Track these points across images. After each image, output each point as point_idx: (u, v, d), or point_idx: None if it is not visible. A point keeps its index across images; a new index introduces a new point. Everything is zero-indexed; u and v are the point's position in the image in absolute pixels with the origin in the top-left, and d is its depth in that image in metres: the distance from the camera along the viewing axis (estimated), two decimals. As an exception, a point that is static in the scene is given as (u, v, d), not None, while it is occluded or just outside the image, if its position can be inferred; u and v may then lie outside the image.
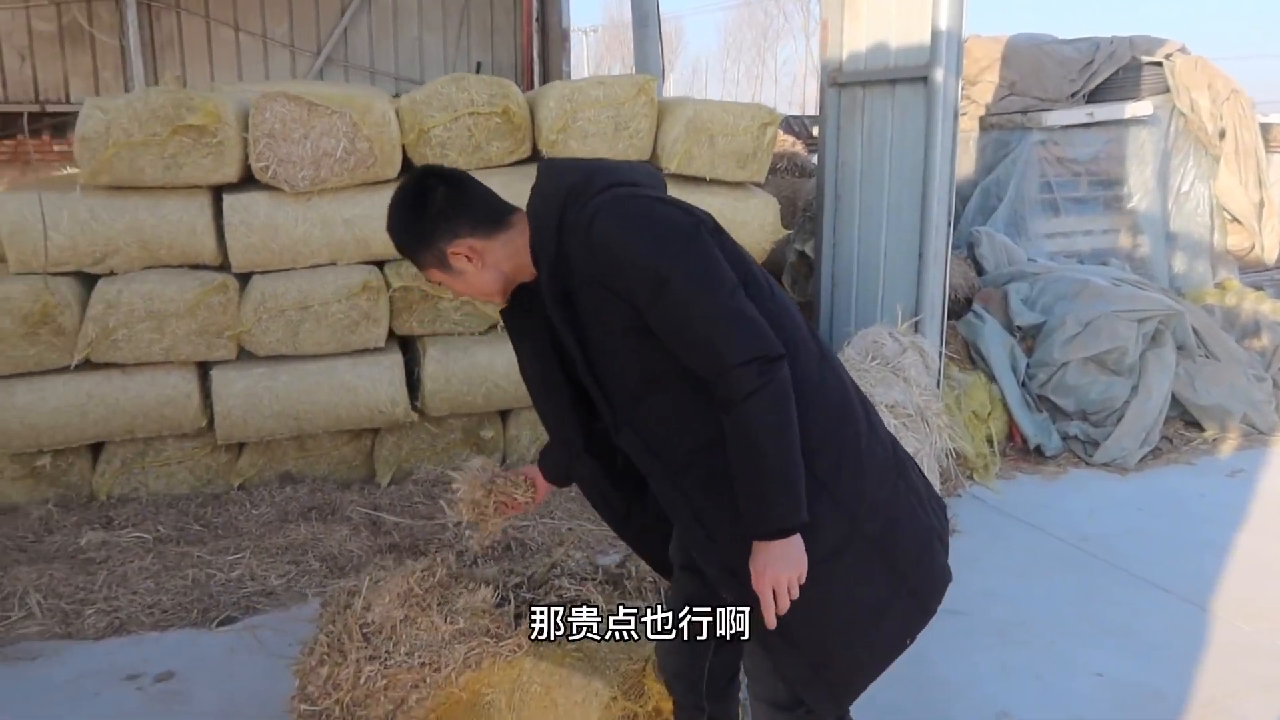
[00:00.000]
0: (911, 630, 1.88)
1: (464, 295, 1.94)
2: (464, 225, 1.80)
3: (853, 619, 1.81)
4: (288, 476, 4.46)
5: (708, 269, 1.67)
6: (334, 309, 4.29)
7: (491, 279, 1.84)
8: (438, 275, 1.86)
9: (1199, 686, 3.01)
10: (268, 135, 4.13)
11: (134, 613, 3.38)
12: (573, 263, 1.71)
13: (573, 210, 1.71)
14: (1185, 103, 6.96)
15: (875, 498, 1.80)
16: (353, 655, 2.45)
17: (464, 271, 1.83)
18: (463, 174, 1.88)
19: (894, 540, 1.82)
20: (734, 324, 1.65)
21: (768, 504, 1.67)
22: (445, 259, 1.81)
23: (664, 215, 1.71)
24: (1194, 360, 5.36)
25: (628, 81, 4.64)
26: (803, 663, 1.80)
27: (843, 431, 1.79)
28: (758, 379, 1.64)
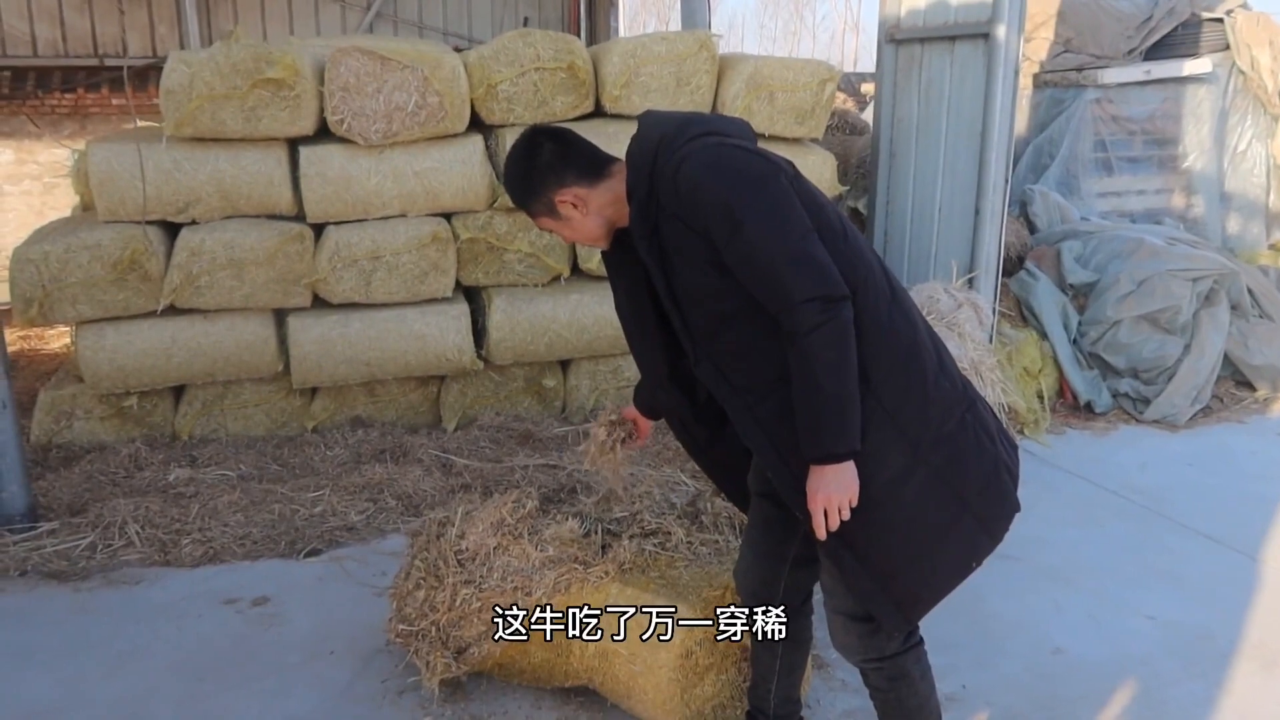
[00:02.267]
0: (977, 554, 1.99)
1: (572, 240, 2.07)
2: (570, 175, 1.96)
3: (917, 538, 1.92)
4: (358, 421, 4.64)
5: (781, 211, 1.80)
6: (404, 259, 4.44)
7: (595, 224, 2.01)
8: (548, 223, 2.03)
9: (1249, 629, 3.11)
10: (342, 89, 4.25)
11: (226, 543, 3.58)
12: (661, 201, 1.86)
13: (664, 155, 1.86)
14: (1245, 60, 6.88)
15: (941, 430, 1.92)
16: (449, 579, 2.61)
17: (571, 218, 1.99)
18: (567, 130, 2.03)
19: (959, 470, 1.93)
20: (801, 264, 1.79)
21: (822, 431, 1.82)
22: (554, 207, 1.98)
23: (745, 160, 1.84)
24: (1247, 320, 5.38)
25: (689, 37, 4.70)
26: (870, 578, 1.92)
27: (910, 367, 1.91)
28: (820, 316, 1.78)
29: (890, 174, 5.33)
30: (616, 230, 2.05)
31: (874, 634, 2.02)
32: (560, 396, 4.83)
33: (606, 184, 1.98)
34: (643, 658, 2.42)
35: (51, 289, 4.15)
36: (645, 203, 1.89)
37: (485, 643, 2.58)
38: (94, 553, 3.50)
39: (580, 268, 4.76)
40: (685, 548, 2.65)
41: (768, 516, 2.20)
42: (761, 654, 2.33)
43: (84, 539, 3.55)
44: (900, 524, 1.91)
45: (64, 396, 4.39)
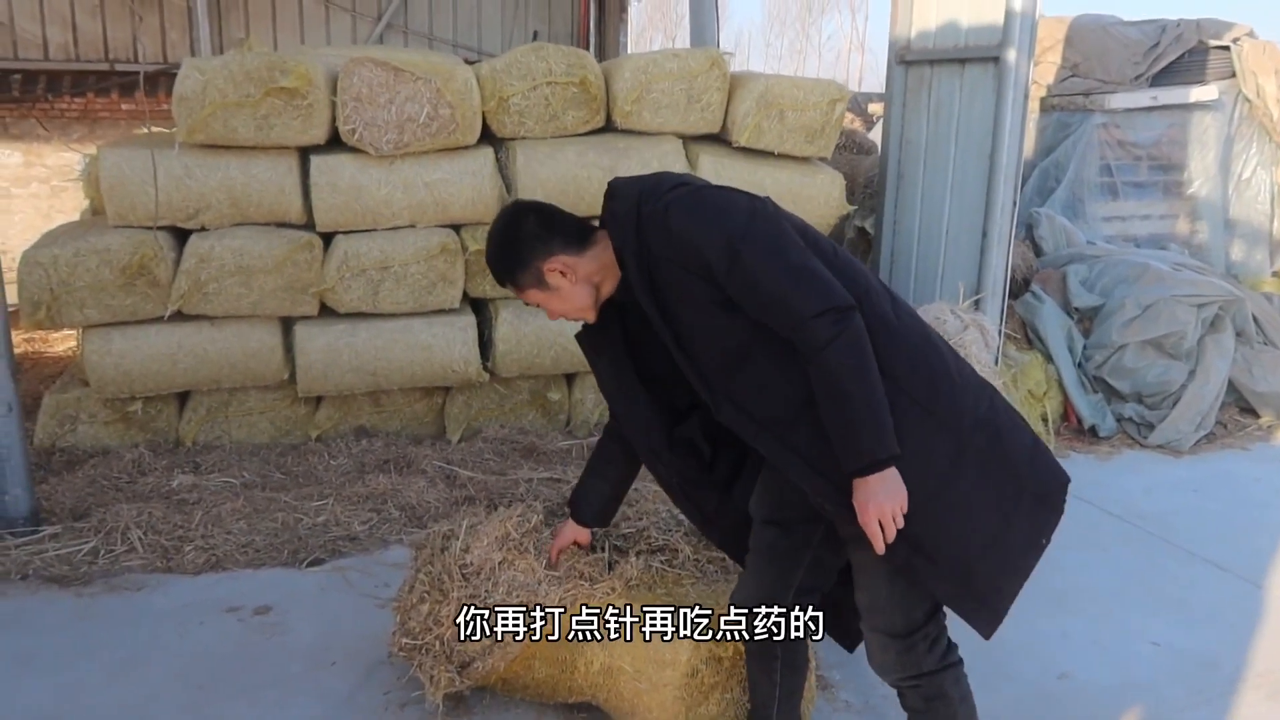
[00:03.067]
0: (1045, 529, 1.98)
1: (560, 314, 2.08)
2: (556, 243, 2.00)
3: (983, 525, 1.90)
4: (362, 430, 4.64)
5: (775, 235, 1.84)
6: (413, 270, 4.44)
7: (584, 293, 2.04)
8: (536, 295, 2.06)
9: (1255, 657, 3.10)
10: (355, 99, 4.27)
11: (229, 551, 3.57)
12: (654, 250, 1.89)
13: (648, 205, 1.90)
14: (1251, 88, 6.91)
15: (976, 414, 1.92)
16: (453, 594, 2.60)
17: (559, 288, 2.02)
18: (549, 204, 2.11)
19: (1003, 449, 1.93)
20: (804, 280, 1.80)
21: (858, 441, 1.81)
22: (542, 276, 2.01)
23: (729, 197, 1.90)
24: (1252, 347, 5.38)
25: (701, 55, 4.72)
26: (949, 578, 1.90)
27: (930, 358, 1.92)
28: (833, 328, 1.78)
29: (898, 194, 5.35)
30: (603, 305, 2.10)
31: (910, 650, 2.00)
32: (565, 410, 4.82)
33: (592, 251, 2.02)
34: (648, 675, 2.41)
35: (60, 292, 4.15)
36: (639, 255, 1.91)
37: (489, 658, 2.57)
38: (96, 558, 3.49)
39: (587, 282, 4.75)
40: (692, 565, 2.64)
41: (773, 544, 2.18)
42: (760, 680, 2.30)
43: (86, 544, 3.54)
44: (964, 512, 1.89)
45: (69, 400, 4.39)
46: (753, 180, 4.67)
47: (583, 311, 2.07)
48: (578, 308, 2.05)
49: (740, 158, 4.72)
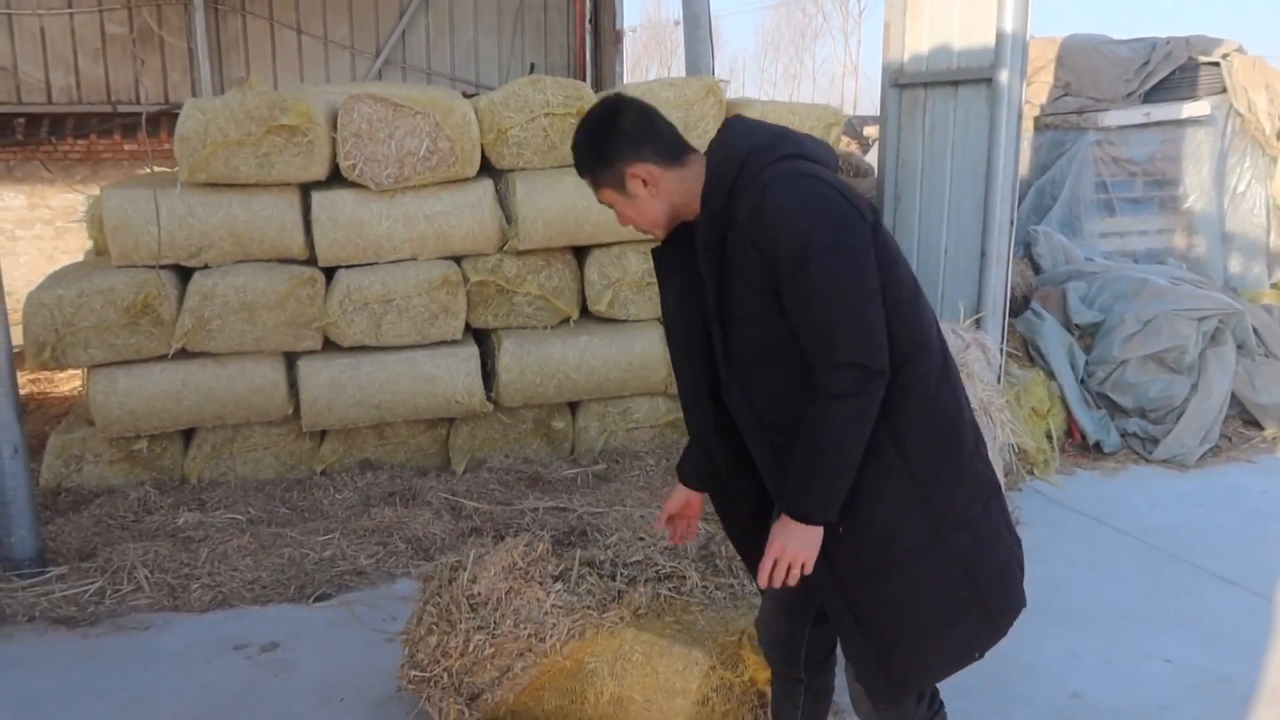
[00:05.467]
0: (981, 645, 1.93)
1: (630, 222, 1.95)
2: (647, 150, 1.86)
3: (922, 619, 1.86)
4: (367, 463, 4.64)
5: (852, 266, 1.75)
6: (415, 302, 4.47)
7: (660, 209, 1.90)
8: (611, 196, 1.92)
9: (1268, 673, 3.08)
10: (355, 135, 4.31)
11: (235, 588, 3.57)
12: (736, 217, 1.79)
13: (751, 169, 1.79)
14: (1243, 103, 6.97)
15: (966, 512, 1.87)
16: (461, 625, 2.60)
17: (637, 196, 1.89)
18: (650, 105, 1.94)
19: (977, 556, 1.88)
20: (852, 324, 1.73)
21: (808, 491, 1.79)
22: (623, 180, 1.87)
23: (829, 201, 1.77)
24: (1253, 359, 5.38)
25: (697, 83, 4.77)
26: (867, 645, 1.87)
27: (948, 443, 1.86)
28: (852, 385, 1.74)
29: (896, 216, 5.38)
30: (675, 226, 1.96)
31: (896, 703, 1.95)
32: (569, 438, 4.83)
33: (682, 172, 1.88)
34: (659, 705, 2.40)
35: (64, 333, 4.18)
36: (718, 213, 1.82)
37: (498, 689, 2.56)
38: (103, 598, 3.49)
39: (589, 310, 4.78)
40: (700, 592, 2.64)
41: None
42: (783, 704, 2.27)
43: (93, 584, 3.54)
44: (909, 599, 1.86)
45: (74, 440, 4.40)
46: (751, 206, 4.70)
47: (653, 226, 1.93)
48: (649, 220, 1.92)
49: (738, 184, 4.75)
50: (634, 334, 4.72)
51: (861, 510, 1.83)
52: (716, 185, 1.82)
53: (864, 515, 1.84)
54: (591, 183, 1.93)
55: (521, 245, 4.54)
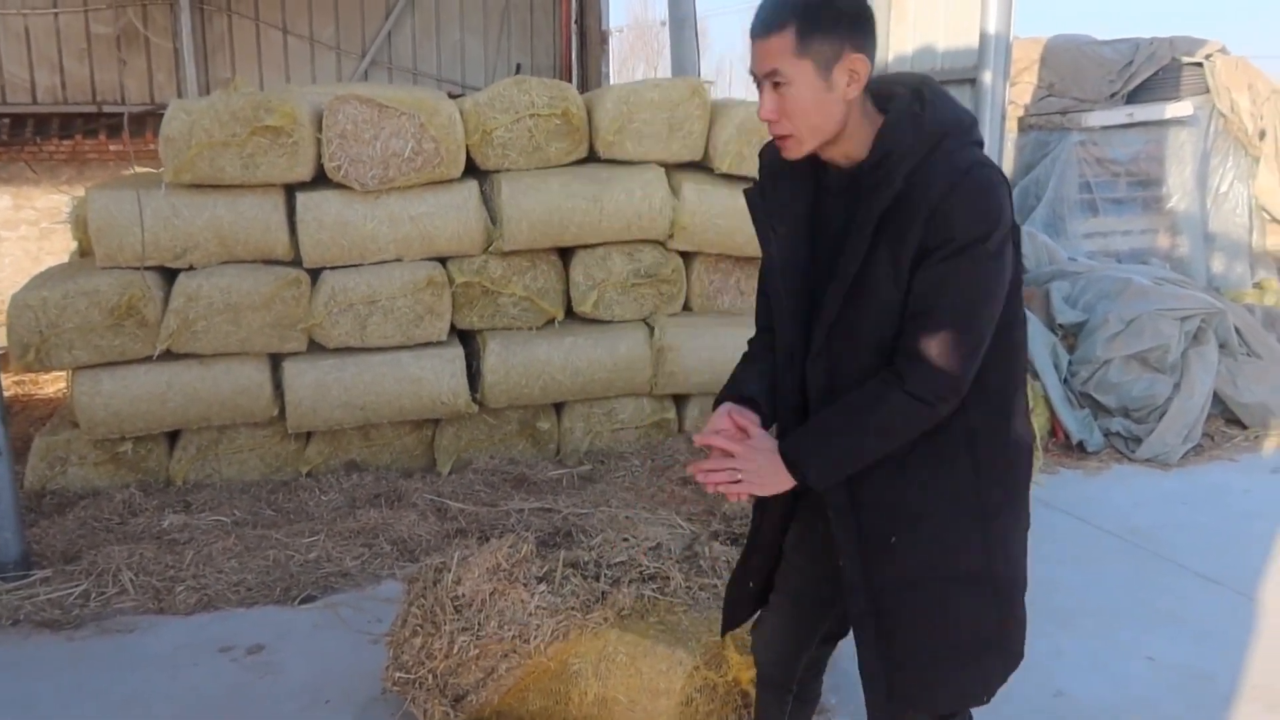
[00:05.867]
0: (990, 690, 1.85)
1: (785, 115, 1.65)
2: (869, 50, 1.64)
3: (946, 649, 1.77)
4: (353, 465, 4.63)
5: (994, 282, 1.65)
6: (400, 303, 4.46)
7: (835, 119, 1.65)
8: (796, 72, 1.62)
9: (1250, 671, 3.11)
10: (340, 136, 4.31)
11: (221, 590, 3.56)
12: (929, 188, 1.60)
13: (954, 142, 1.64)
14: (1225, 103, 7.02)
15: (1013, 550, 1.81)
16: (446, 627, 2.61)
17: (831, 89, 1.62)
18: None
19: (1014, 595, 1.82)
20: (966, 341, 1.63)
21: (823, 449, 1.69)
22: (834, 61, 1.61)
23: (1007, 212, 1.66)
24: (1235, 359, 5.42)
25: (682, 84, 4.78)
26: (880, 662, 1.78)
27: (1019, 476, 1.81)
28: (930, 393, 1.64)
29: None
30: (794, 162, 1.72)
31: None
32: (554, 439, 4.83)
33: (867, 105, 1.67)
34: (643, 705, 2.41)
35: (49, 335, 4.16)
36: (912, 171, 1.61)
37: (483, 690, 2.56)
38: (88, 601, 3.47)
39: (574, 311, 4.78)
40: (684, 592, 2.65)
41: (801, 587, 1.99)
42: (770, 708, 2.19)
43: (77, 587, 3.52)
44: (941, 624, 1.76)
45: (59, 442, 4.38)
46: (735, 207, 4.71)
47: (810, 133, 1.66)
48: (812, 125, 1.64)
49: (723, 185, 4.76)
50: (619, 335, 4.72)
51: (925, 526, 1.73)
52: (910, 144, 1.63)
53: (926, 531, 1.73)
54: (794, 43, 1.60)
55: (506, 246, 4.54)
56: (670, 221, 4.68)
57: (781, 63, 1.61)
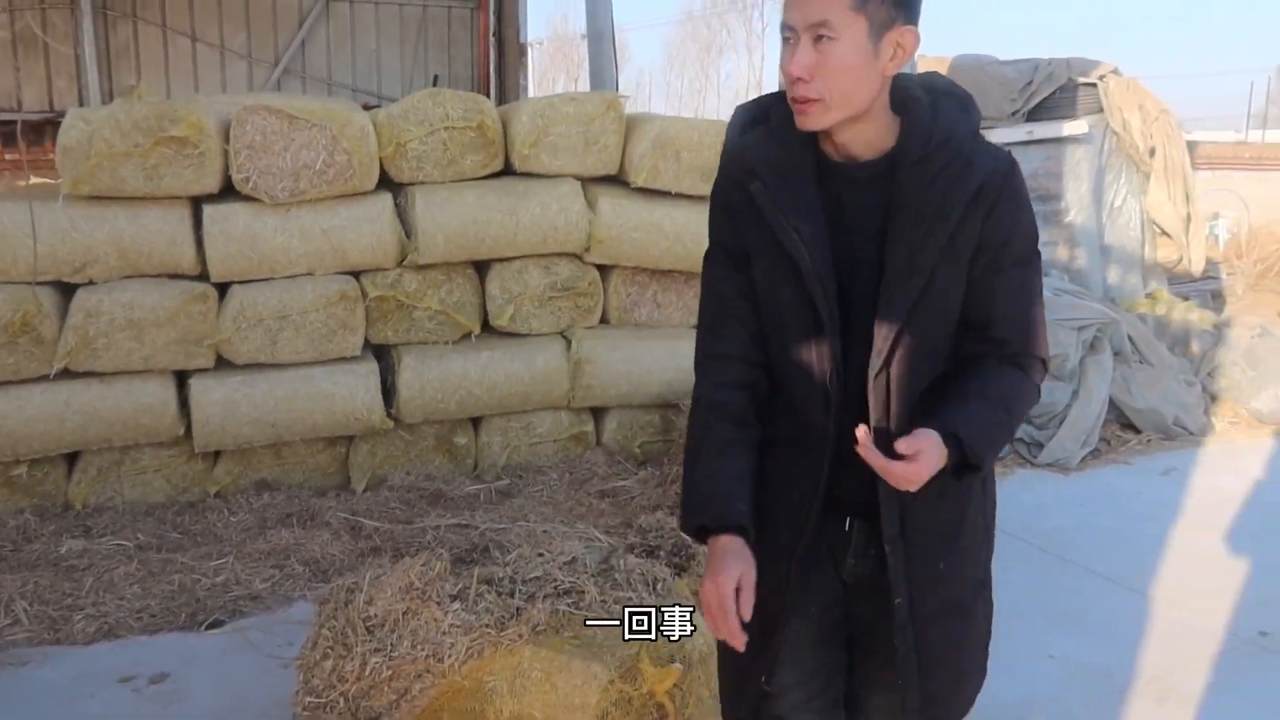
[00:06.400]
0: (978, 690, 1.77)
1: (834, 76, 1.45)
2: (916, 21, 1.50)
3: (969, 665, 1.72)
4: (263, 484, 4.53)
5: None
6: (312, 318, 4.39)
7: (872, 90, 1.48)
8: (850, 24, 1.43)
9: (1143, 665, 3.25)
10: (249, 147, 4.22)
11: (122, 617, 3.44)
12: (984, 189, 1.51)
13: (982, 138, 1.58)
14: (1118, 122, 7.34)
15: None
16: (357, 648, 2.56)
17: (878, 56, 1.46)
18: None
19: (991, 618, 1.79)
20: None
21: (989, 436, 1.53)
22: (885, 28, 1.46)
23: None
24: (1129, 366, 5.67)
25: (597, 98, 4.81)
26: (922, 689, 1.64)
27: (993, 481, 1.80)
28: (1041, 378, 1.64)
29: (794, 230, 5.50)
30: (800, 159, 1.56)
31: None
32: (472, 454, 4.80)
33: (889, 87, 1.53)
34: (558, 720, 2.41)
35: (-66, 354, 3.97)
36: (970, 158, 1.51)
37: (396, 712, 2.53)
38: (-23, 633, 3.32)
39: (491, 325, 4.76)
40: (599, 606, 2.65)
41: (825, 662, 1.72)
42: None
43: (-34, 618, 3.37)
44: (967, 646, 1.71)
45: (-54, 466, 4.18)
46: (651, 219, 4.75)
47: (836, 101, 1.46)
48: (843, 93, 1.45)
49: (638, 198, 4.80)
50: (536, 348, 4.72)
51: (963, 543, 1.65)
52: (967, 130, 1.54)
53: (962, 549, 1.66)
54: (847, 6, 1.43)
55: (421, 260, 4.50)
56: (587, 235, 4.69)
57: (834, 13, 1.42)
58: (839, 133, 1.53)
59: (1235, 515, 4.59)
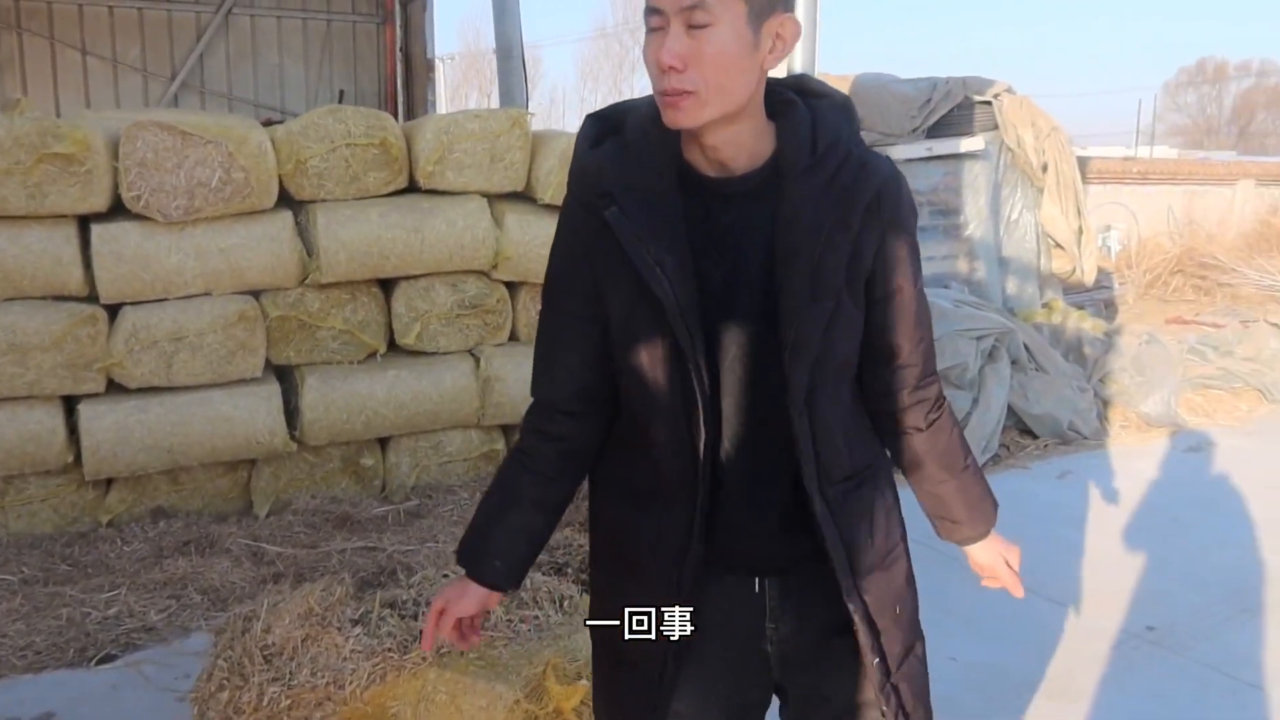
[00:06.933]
0: None
1: (710, 66, 1.28)
2: (795, 17, 1.36)
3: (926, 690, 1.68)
4: (160, 511, 4.37)
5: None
6: (209, 339, 4.26)
7: (750, 85, 1.32)
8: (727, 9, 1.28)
9: (1040, 664, 3.36)
10: (139, 164, 4.09)
11: (3, 655, 3.27)
12: (881, 192, 1.38)
13: (859, 140, 1.43)
14: (1012, 138, 7.63)
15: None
16: (254, 678, 2.49)
17: (757, 46, 1.30)
18: None
19: None
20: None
21: (988, 500, 1.71)
22: (765, 14, 1.31)
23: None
24: (1026, 373, 5.88)
25: (503, 115, 4.79)
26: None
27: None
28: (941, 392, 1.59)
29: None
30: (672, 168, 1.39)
31: None
32: (380, 475, 4.71)
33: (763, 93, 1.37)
34: (462, 744, 2.37)
35: None
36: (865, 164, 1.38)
37: (296, 742, 2.46)
38: None
39: (397, 343, 4.69)
40: (505, 625, 2.63)
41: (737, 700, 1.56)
42: None
43: None
44: (923, 675, 1.73)
45: None
46: (560, 236, 4.75)
47: (711, 95, 1.29)
48: (719, 86, 1.29)
49: (545, 214, 4.80)
50: (445, 366, 4.66)
51: (903, 573, 1.63)
52: (850, 133, 1.40)
53: (905, 579, 1.64)
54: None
55: (324, 278, 4.41)
56: (494, 251, 4.67)
57: (701, 10, 1.27)
58: (710, 135, 1.35)
59: (1127, 516, 4.78)
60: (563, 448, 1.53)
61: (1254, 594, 3.96)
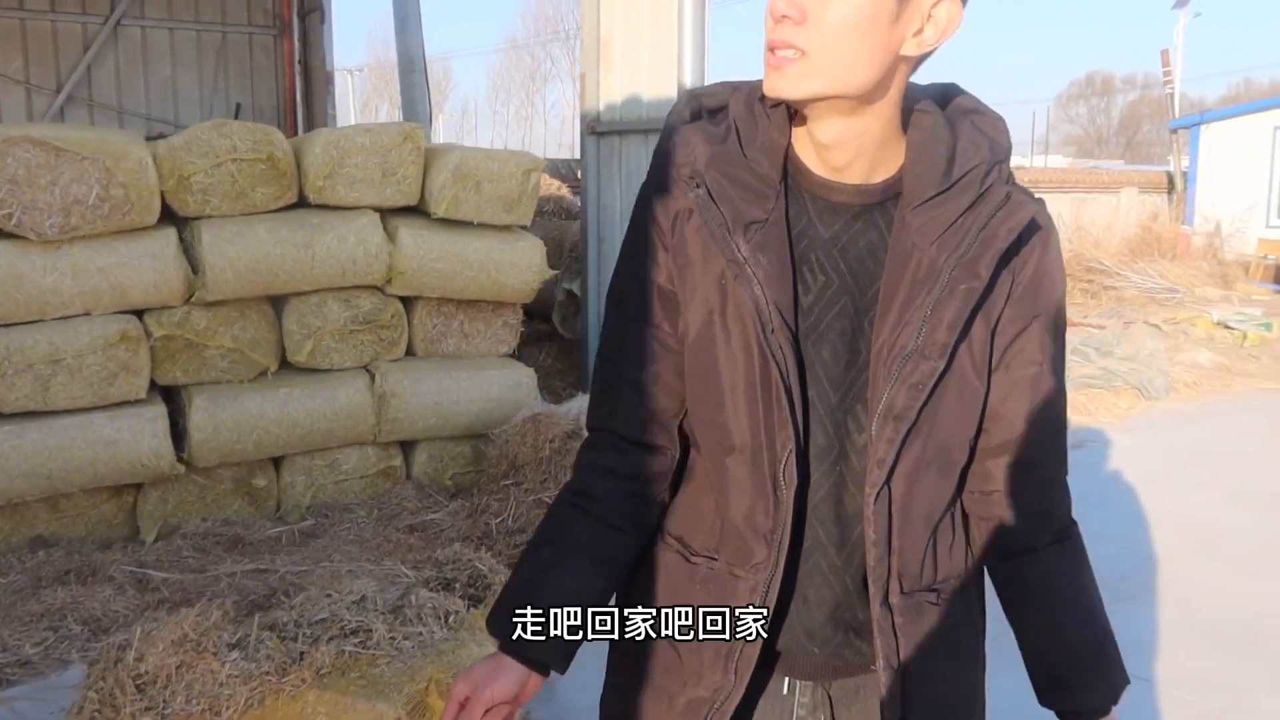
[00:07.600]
0: None
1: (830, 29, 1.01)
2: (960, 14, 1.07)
3: None
4: (39, 540, 4.22)
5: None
6: (89, 361, 4.14)
7: (875, 71, 1.05)
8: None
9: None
10: (10, 182, 3.95)
11: None
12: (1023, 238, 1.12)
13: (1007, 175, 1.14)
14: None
15: None
16: (126, 709, 2.43)
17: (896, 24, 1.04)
18: None
19: None
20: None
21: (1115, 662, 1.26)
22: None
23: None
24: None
25: (394, 129, 4.76)
26: None
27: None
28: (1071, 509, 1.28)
29: (599, 257, 5.62)
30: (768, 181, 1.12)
31: None
32: (273, 496, 4.63)
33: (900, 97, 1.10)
34: (342, 764, 2.36)
35: None
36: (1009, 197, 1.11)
37: (171, 772, 2.41)
38: None
39: (290, 361, 4.62)
40: (388, 644, 2.62)
41: None
42: None
43: None
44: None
45: None
46: (454, 250, 4.74)
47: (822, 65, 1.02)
48: (833, 57, 1.02)
49: (440, 229, 4.78)
50: (339, 383, 4.61)
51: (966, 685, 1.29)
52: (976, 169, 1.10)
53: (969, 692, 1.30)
54: None
55: (210, 296, 4.32)
56: (387, 266, 4.64)
57: None
58: (823, 127, 1.09)
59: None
60: (630, 488, 1.20)
61: (1130, 582, 4.16)
